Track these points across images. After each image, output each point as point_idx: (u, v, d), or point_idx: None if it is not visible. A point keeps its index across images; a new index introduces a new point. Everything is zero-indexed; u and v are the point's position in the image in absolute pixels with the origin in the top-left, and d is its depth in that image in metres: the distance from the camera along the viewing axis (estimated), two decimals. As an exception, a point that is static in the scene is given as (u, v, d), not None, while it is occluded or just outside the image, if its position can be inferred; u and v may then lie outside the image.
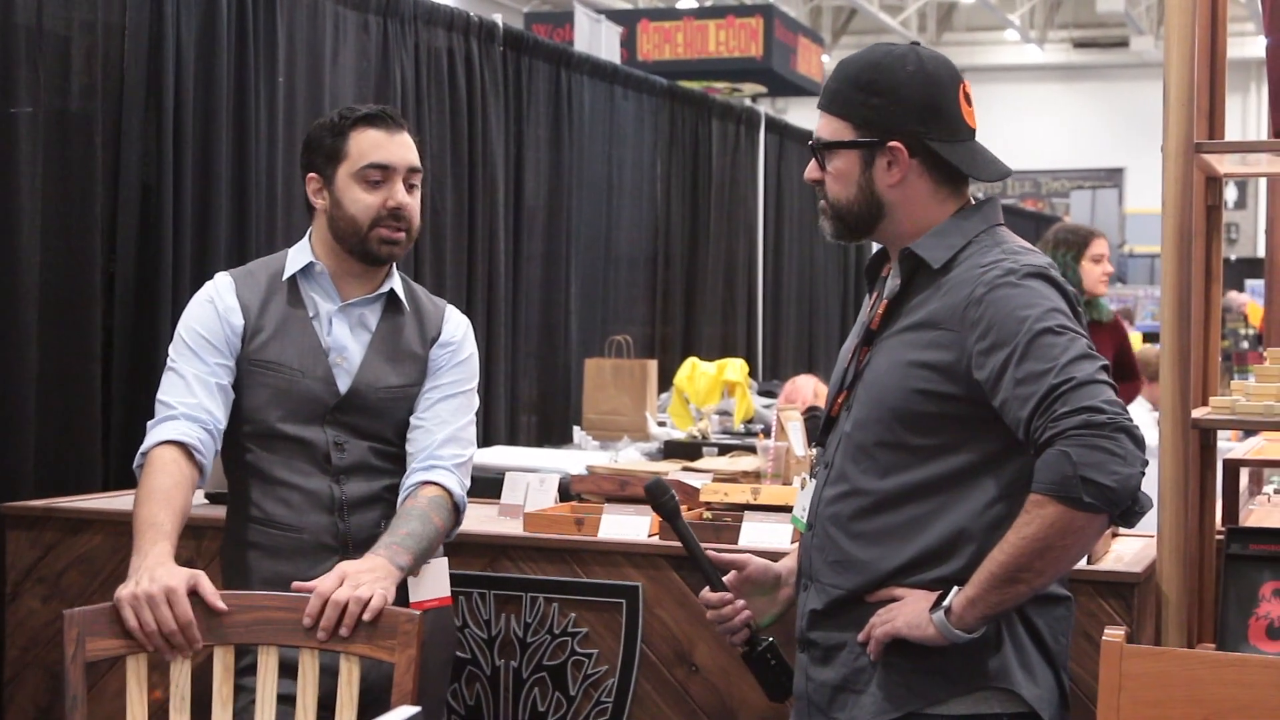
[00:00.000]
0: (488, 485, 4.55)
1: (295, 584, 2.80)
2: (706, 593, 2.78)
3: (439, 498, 3.05)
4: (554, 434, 7.19)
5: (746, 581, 2.81)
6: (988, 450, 2.51)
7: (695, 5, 17.16)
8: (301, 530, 3.06)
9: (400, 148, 3.11)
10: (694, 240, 9.07)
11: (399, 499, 3.07)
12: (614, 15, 13.39)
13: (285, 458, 3.07)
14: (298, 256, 3.15)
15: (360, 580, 2.77)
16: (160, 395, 3.04)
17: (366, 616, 2.72)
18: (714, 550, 2.85)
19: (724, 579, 2.79)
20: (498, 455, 5.10)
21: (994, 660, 2.52)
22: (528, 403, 7.18)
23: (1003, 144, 2.81)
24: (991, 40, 26.91)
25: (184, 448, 2.96)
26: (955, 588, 2.47)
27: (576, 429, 6.62)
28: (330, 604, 2.72)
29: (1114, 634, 2.72)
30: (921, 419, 2.52)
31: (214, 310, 3.09)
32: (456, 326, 3.23)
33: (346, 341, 3.11)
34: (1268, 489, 4.79)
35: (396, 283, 3.17)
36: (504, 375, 6.76)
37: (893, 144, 2.56)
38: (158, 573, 2.71)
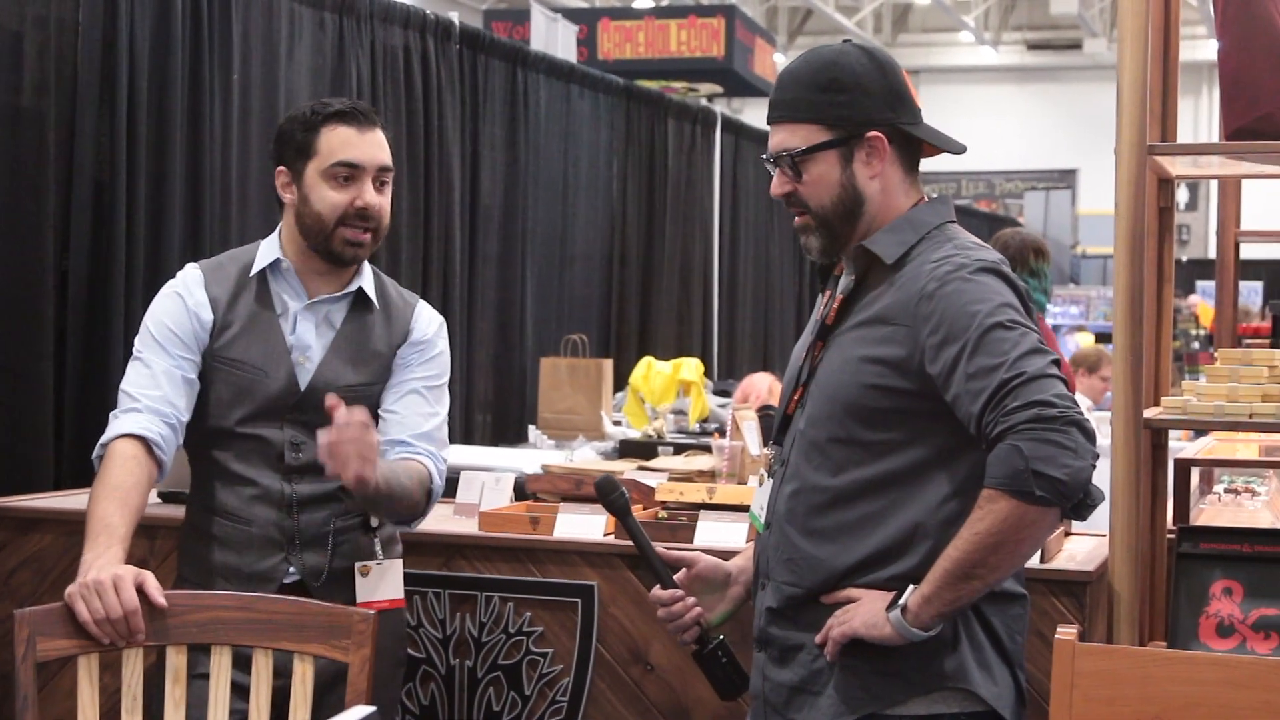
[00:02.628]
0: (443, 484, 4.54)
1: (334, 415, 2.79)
2: (657, 590, 2.78)
3: (424, 475, 3.08)
4: (509, 433, 7.19)
5: (697, 579, 2.81)
6: (940, 445, 2.52)
7: (652, 4, 17.16)
8: (250, 523, 3.05)
9: (371, 146, 3.08)
10: (650, 240, 9.07)
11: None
12: (574, 14, 13.39)
13: (241, 454, 3.07)
14: (267, 252, 3.12)
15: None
16: (125, 385, 3.03)
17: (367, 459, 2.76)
18: (664, 548, 2.85)
19: (674, 577, 2.79)
20: (453, 454, 5.08)
21: (951, 660, 2.53)
22: (483, 402, 7.17)
23: (957, 145, 2.85)
24: (946, 41, 27.02)
25: (145, 442, 2.94)
26: (911, 586, 2.48)
27: (532, 428, 6.62)
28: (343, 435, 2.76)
29: (1066, 632, 2.74)
30: (874, 414, 2.53)
31: (183, 304, 3.07)
32: (428, 324, 3.21)
33: (310, 340, 3.10)
34: (1218, 488, 4.83)
35: (366, 280, 3.15)
36: (459, 374, 6.74)
37: (871, 135, 2.58)
38: (105, 567, 2.71)
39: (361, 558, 3.10)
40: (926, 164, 2.76)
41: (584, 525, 3.55)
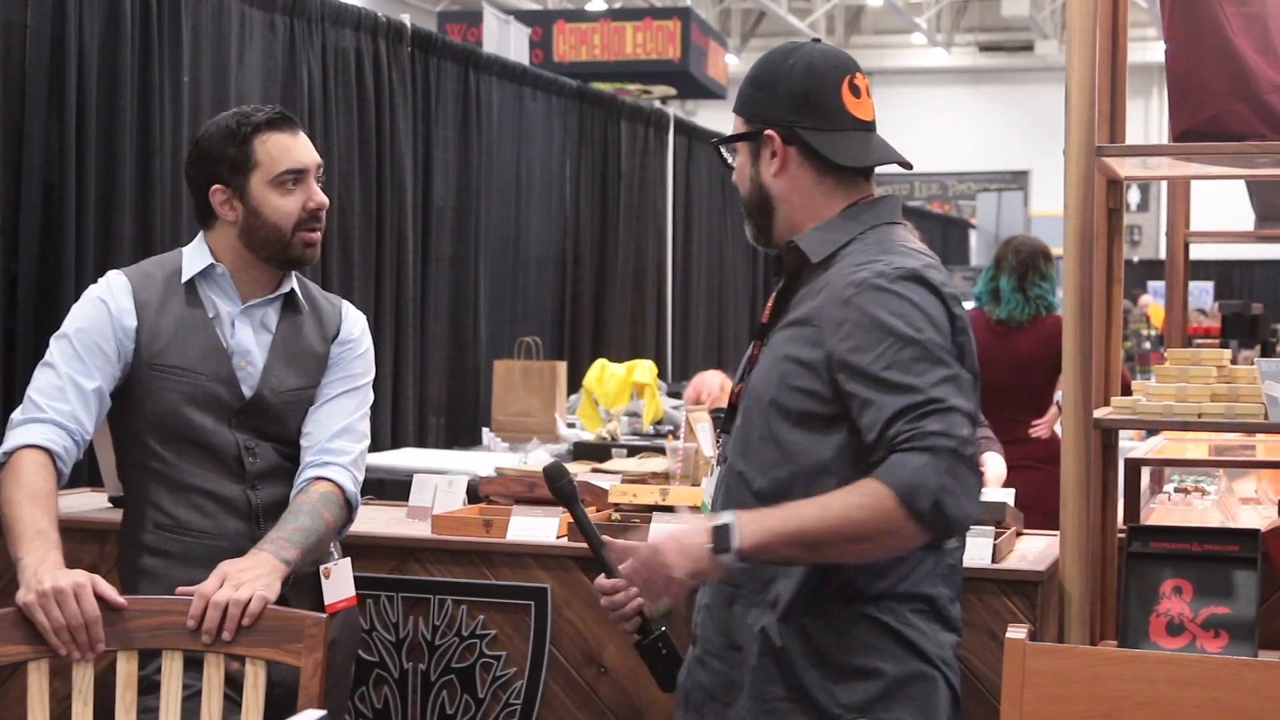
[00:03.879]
0: (396, 487, 4.52)
1: (179, 589, 2.78)
2: (601, 579, 2.78)
3: (331, 494, 3.03)
4: (463, 436, 7.17)
5: None
6: (839, 445, 2.48)
7: (605, 7, 17.15)
8: (219, 536, 3.01)
9: (306, 148, 3.09)
10: (603, 242, 9.07)
11: (292, 493, 3.05)
12: (529, 16, 13.36)
13: (196, 464, 3.02)
14: (195, 258, 3.10)
15: (241, 580, 2.74)
16: (31, 391, 2.97)
17: (245, 621, 2.69)
18: (611, 537, 2.84)
19: (620, 566, 2.78)
20: (406, 457, 5.08)
21: (869, 688, 2.49)
22: (436, 404, 7.15)
23: (909, 146, 2.83)
24: (899, 43, 27.13)
25: (49, 454, 2.90)
26: (734, 526, 2.41)
27: (485, 431, 6.60)
28: (211, 605, 2.70)
29: (1017, 632, 2.75)
30: (795, 415, 2.51)
31: (106, 311, 3.02)
32: (354, 323, 3.21)
33: (250, 345, 3.07)
34: (1168, 487, 4.86)
35: (294, 282, 3.14)
36: (413, 377, 6.72)
37: (768, 132, 2.59)
38: (58, 574, 2.67)
39: (322, 559, 3.09)
40: (880, 166, 2.73)
41: (537, 528, 3.55)
